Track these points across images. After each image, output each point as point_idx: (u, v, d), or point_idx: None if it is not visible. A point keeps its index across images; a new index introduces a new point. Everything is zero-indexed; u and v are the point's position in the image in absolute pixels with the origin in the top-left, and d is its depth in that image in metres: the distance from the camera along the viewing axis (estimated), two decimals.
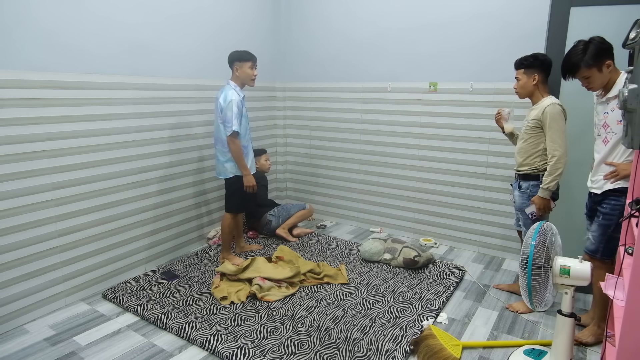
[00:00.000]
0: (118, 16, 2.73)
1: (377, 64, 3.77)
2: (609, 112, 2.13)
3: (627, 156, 2.09)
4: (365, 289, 2.84)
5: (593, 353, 2.24)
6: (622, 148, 2.11)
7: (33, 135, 2.37)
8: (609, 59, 2.09)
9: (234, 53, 2.99)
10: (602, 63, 2.10)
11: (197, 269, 3.13)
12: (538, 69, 2.49)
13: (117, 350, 2.22)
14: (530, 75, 2.50)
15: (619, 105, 1.57)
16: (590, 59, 2.10)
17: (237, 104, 2.85)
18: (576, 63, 2.14)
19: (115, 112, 2.79)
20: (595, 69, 2.12)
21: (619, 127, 2.06)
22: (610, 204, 2.16)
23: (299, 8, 4.12)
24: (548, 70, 2.52)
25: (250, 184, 3.02)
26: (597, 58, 2.09)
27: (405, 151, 3.77)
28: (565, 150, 2.40)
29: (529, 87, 2.52)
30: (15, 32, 2.24)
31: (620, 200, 2.13)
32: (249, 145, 3.10)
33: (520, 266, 1.94)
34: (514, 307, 2.65)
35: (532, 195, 2.54)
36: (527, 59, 2.51)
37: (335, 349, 2.21)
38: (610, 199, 2.17)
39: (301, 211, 3.86)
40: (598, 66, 2.11)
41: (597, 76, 2.13)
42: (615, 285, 1.62)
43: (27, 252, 2.42)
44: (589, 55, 2.11)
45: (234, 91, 2.90)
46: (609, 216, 2.16)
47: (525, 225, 2.60)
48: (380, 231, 4.05)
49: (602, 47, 2.09)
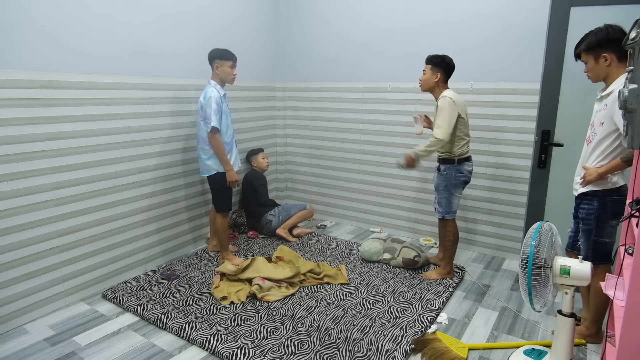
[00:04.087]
0: (118, 16, 2.73)
1: (377, 63, 3.77)
2: (598, 112, 2.08)
3: (600, 161, 2.05)
4: (365, 289, 2.84)
5: (593, 353, 2.24)
6: (597, 151, 2.06)
7: (33, 135, 2.37)
8: (607, 51, 1.99)
9: (214, 51, 3.01)
10: (599, 53, 2.01)
11: (197, 269, 3.13)
12: (442, 69, 2.75)
13: (117, 350, 2.22)
14: (435, 73, 2.76)
15: (619, 105, 1.57)
16: (589, 44, 2.03)
17: (216, 101, 2.88)
18: (580, 44, 2.09)
19: (115, 112, 2.79)
20: (592, 57, 2.04)
21: (601, 129, 2.02)
22: (584, 209, 2.15)
23: (299, 8, 4.12)
24: (449, 73, 2.78)
25: (233, 179, 3.05)
26: (595, 45, 2.01)
27: (405, 151, 3.76)
28: (447, 135, 2.64)
29: (431, 82, 2.78)
30: (15, 32, 2.24)
31: (592, 204, 2.11)
32: (232, 142, 3.12)
33: (520, 266, 1.94)
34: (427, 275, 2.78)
35: (448, 177, 2.81)
36: (436, 58, 2.76)
37: (335, 349, 2.21)
38: (584, 203, 2.16)
39: (302, 211, 3.86)
40: (595, 55, 2.02)
41: (592, 65, 2.06)
42: (615, 285, 1.62)
43: (27, 252, 2.42)
44: (591, 39, 2.02)
45: (214, 89, 2.94)
46: (586, 221, 2.15)
47: (439, 204, 2.90)
48: (380, 231, 4.05)
49: (607, 37, 1.98)
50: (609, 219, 2.08)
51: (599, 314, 2.25)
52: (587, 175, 2.08)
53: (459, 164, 2.79)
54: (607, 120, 1.98)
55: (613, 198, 2.05)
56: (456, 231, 2.95)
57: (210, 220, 3.49)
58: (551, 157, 3.02)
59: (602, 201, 2.08)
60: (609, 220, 2.09)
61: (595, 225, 2.11)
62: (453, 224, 2.92)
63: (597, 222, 2.10)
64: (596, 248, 2.14)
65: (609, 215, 2.08)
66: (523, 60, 3.06)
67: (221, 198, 3.14)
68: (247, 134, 4.03)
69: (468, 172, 2.84)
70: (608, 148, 2.01)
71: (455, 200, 2.87)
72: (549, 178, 3.05)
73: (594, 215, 2.10)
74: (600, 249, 2.13)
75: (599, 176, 2.03)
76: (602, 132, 2.02)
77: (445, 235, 2.95)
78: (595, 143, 2.07)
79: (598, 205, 2.09)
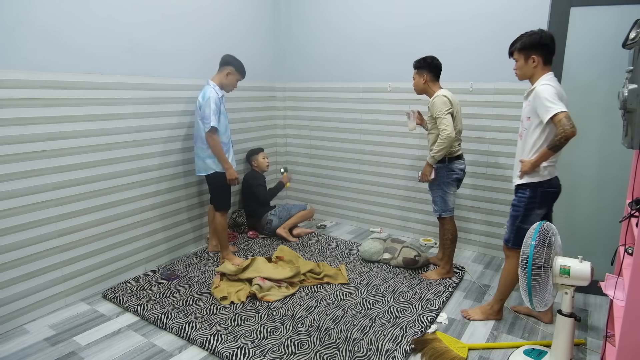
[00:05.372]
0: (118, 16, 2.73)
1: (377, 64, 3.77)
2: (525, 107, 2.27)
3: (534, 152, 2.22)
4: (365, 289, 2.84)
5: (593, 353, 2.24)
6: (529, 144, 2.23)
7: (33, 135, 2.37)
8: (537, 54, 2.19)
9: (233, 59, 3.05)
10: (529, 54, 2.20)
11: (197, 268, 3.13)
12: (427, 70, 2.81)
13: (117, 350, 2.22)
14: (421, 75, 2.83)
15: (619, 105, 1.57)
16: (523, 44, 2.22)
17: (215, 101, 2.91)
18: (514, 42, 2.28)
19: (115, 112, 2.78)
20: (522, 56, 2.24)
21: (528, 122, 2.22)
22: (517, 197, 2.35)
23: (299, 8, 4.12)
24: (436, 71, 2.84)
25: (233, 177, 3.07)
26: (528, 47, 2.20)
27: (405, 151, 3.77)
28: (452, 130, 2.66)
29: (421, 85, 2.86)
30: (15, 32, 2.24)
31: (525, 193, 2.29)
32: (229, 143, 3.13)
33: (520, 266, 1.94)
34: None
35: (440, 176, 2.86)
36: (418, 62, 2.85)
37: (335, 349, 2.21)
38: (518, 192, 2.35)
39: (302, 212, 3.86)
40: (526, 55, 2.22)
41: (521, 64, 2.25)
42: (615, 285, 1.63)
43: (27, 252, 2.42)
44: (525, 40, 2.22)
45: (213, 90, 2.95)
46: (516, 207, 2.34)
47: (435, 203, 2.93)
48: (380, 231, 4.05)
49: (540, 40, 2.18)
50: (536, 208, 2.29)
51: (505, 294, 2.48)
52: (523, 167, 2.25)
53: (450, 163, 2.83)
54: (533, 114, 2.19)
55: (544, 189, 2.26)
56: (454, 229, 2.96)
57: (209, 220, 3.49)
58: None
59: (534, 191, 2.27)
60: (536, 209, 2.29)
61: (522, 213, 2.31)
62: (451, 222, 2.94)
63: (525, 209, 2.30)
64: (518, 233, 2.32)
65: (537, 204, 2.28)
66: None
67: (220, 197, 3.14)
68: (247, 134, 4.03)
69: (460, 170, 2.87)
70: (538, 140, 2.20)
71: (450, 198, 2.89)
72: None
73: (524, 203, 2.30)
74: (521, 235, 2.25)
75: (533, 166, 2.22)
76: (530, 126, 2.21)
77: (443, 234, 2.97)
78: (525, 136, 2.26)
79: (530, 195, 2.28)
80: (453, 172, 2.85)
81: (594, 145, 2.78)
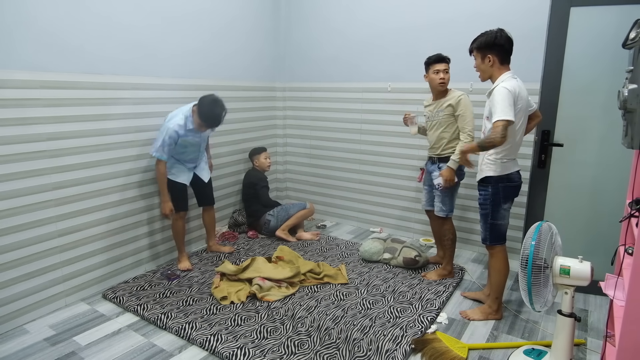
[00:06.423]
0: (118, 16, 2.73)
1: (377, 64, 3.77)
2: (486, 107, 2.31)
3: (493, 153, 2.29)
4: (365, 289, 2.84)
5: (593, 353, 2.24)
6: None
7: (33, 135, 2.37)
8: (492, 53, 2.24)
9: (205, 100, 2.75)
10: (485, 53, 2.26)
11: (197, 268, 3.13)
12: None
13: (117, 350, 2.22)
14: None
15: (618, 105, 1.57)
16: (479, 43, 2.28)
17: (171, 135, 2.72)
18: (473, 42, 2.33)
19: (115, 112, 2.78)
20: (479, 55, 2.30)
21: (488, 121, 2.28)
22: (481, 195, 2.41)
23: (298, 8, 4.12)
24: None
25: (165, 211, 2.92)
26: (484, 46, 2.26)
27: (405, 151, 3.77)
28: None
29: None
30: (15, 32, 2.24)
31: (487, 190, 2.37)
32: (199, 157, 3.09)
33: (520, 266, 1.94)
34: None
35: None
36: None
37: (335, 349, 2.21)
38: (480, 190, 2.42)
39: (301, 211, 3.82)
40: (482, 54, 2.28)
41: (479, 63, 2.32)
42: (615, 285, 1.63)
43: (27, 252, 2.42)
44: (481, 39, 2.27)
45: (183, 120, 2.76)
46: (483, 206, 2.41)
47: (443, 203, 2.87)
48: (380, 231, 4.05)
49: (494, 40, 2.23)
50: (502, 203, 2.36)
51: (498, 292, 2.50)
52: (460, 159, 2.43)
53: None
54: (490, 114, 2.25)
55: (504, 184, 2.34)
56: (454, 229, 2.97)
57: (203, 221, 3.42)
58: (551, 157, 3.01)
59: (495, 187, 2.34)
60: (502, 204, 2.36)
61: (490, 210, 2.38)
62: (451, 222, 2.96)
63: (492, 206, 2.37)
64: (492, 230, 2.40)
65: (501, 199, 2.35)
66: (523, 60, 3.06)
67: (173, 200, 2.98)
68: (247, 134, 4.03)
69: (464, 171, 2.93)
70: None
71: (455, 198, 2.93)
72: (549, 178, 3.04)
73: (489, 200, 2.37)
74: (496, 231, 2.39)
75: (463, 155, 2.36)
76: (489, 124, 2.24)
77: (444, 234, 2.96)
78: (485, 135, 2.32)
79: (492, 191, 2.35)
80: (461, 172, 2.90)
81: (594, 145, 2.78)
